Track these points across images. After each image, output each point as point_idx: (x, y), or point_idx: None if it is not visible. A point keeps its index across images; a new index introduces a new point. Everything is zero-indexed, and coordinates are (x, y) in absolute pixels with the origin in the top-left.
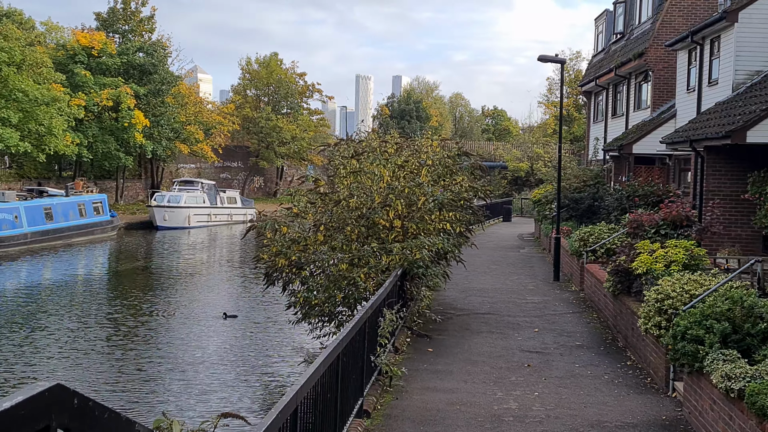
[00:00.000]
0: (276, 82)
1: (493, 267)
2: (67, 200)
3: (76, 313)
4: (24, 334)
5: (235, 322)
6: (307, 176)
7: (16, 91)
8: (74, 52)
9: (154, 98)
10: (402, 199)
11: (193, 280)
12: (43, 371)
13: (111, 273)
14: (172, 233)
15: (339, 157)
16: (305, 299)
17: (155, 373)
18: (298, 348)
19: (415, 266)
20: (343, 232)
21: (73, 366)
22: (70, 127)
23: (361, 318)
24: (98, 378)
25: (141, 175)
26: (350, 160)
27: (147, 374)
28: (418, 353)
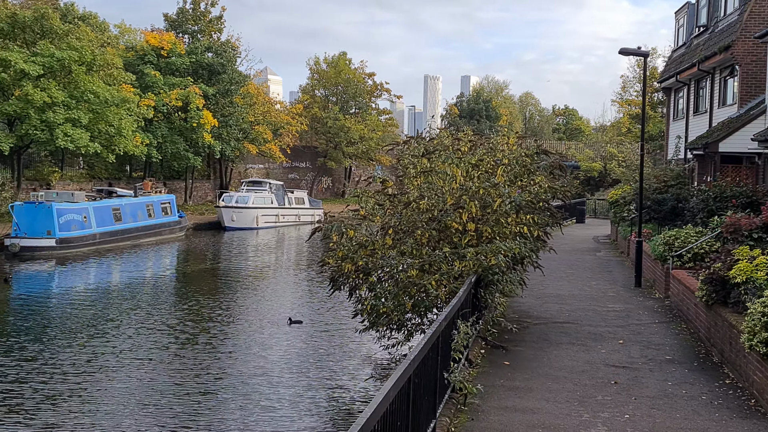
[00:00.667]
0: (344, 82)
1: (569, 271)
2: (135, 201)
3: (138, 318)
4: (82, 340)
5: (300, 328)
6: (374, 177)
7: (87, 92)
8: (144, 52)
9: (222, 98)
10: (476, 201)
11: (259, 283)
12: (96, 383)
13: (176, 275)
14: (239, 234)
15: (408, 156)
16: (372, 307)
17: (214, 385)
18: (366, 358)
19: (490, 273)
20: (413, 236)
21: (127, 378)
22: (140, 128)
23: (434, 333)
24: (153, 390)
25: (210, 175)
26: (420, 159)
27: (206, 387)
28: (494, 366)
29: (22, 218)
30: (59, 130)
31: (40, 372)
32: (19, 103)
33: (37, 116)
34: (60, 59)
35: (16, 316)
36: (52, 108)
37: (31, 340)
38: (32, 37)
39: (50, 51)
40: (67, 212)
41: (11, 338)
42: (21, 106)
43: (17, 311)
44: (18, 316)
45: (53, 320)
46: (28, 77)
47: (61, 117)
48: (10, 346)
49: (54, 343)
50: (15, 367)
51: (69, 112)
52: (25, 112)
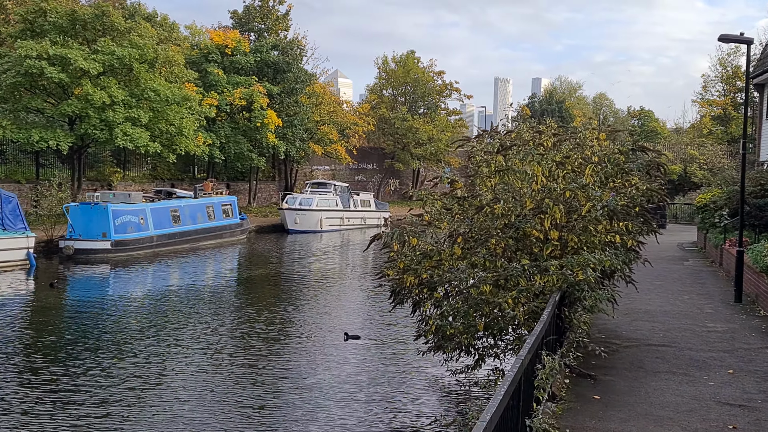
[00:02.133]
0: (413, 81)
1: (657, 283)
2: (195, 202)
3: (193, 325)
4: (135, 348)
5: (357, 345)
6: (441, 177)
7: (148, 90)
8: (208, 50)
9: (287, 97)
10: (561, 205)
11: (319, 292)
12: (149, 392)
13: (234, 281)
14: (303, 237)
15: (481, 153)
16: (438, 328)
17: (258, 412)
18: (430, 385)
19: (577, 289)
20: (486, 246)
21: (181, 388)
22: (202, 127)
23: (516, 375)
24: (206, 400)
25: (275, 177)
26: (495, 156)
27: (248, 411)
28: (581, 401)
29: (77, 220)
30: (119, 130)
31: (93, 379)
32: (78, 103)
33: (96, 115)
34: (120, 57)
35: (68, 322)
36: (112, 107)
37: (83, 347)
38: (93, 35)
39: (111, 48)
40: (124, 214)
41: (64, 345)
42: (81, 106)
43: (69, 317)
44: (70, 322)
45: (105, 327)
46: (87, 75)
47: (120, 116)
48: (62, 353)
49: (105, 350)
50: (66, 375)
51: (129, 111)
52: (85, 112)
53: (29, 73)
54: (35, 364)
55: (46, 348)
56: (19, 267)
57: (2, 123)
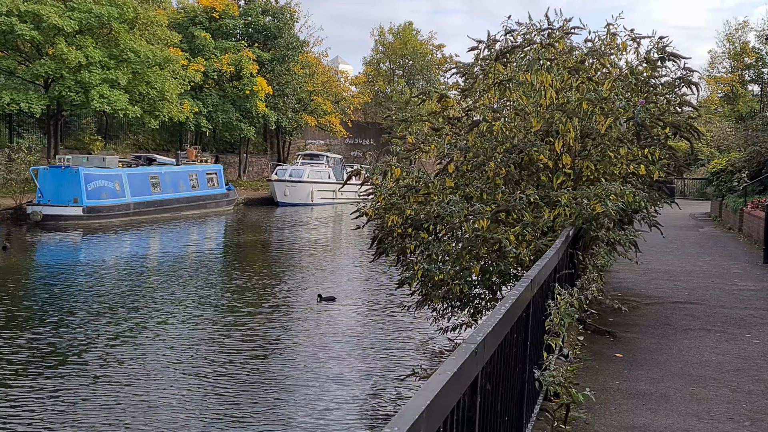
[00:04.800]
0: (411, 54)
1: (673, 246)
2: (176, 169)
3: (169, 294)
4: (106, 316)
5: (334, 307)
6: (430, 91)
7: (128, 51)
8: (195, 13)
9: (279, 65)
10: (576, 120)
11: (299, 259)
12: (125, 359)
13: (214, 250)
14: (292, 210)
15: (478, 62)
16: (425, 273)
17: (239, 380)
18: (419, 345)
19: (593, 226)
20: (483, 173)
21: (158, 354)
22: (189, 94)
23: (519, 300)
24: (185, 367)
25: (267, 150)
26: (494, 65)
27: (230, 383)
28: (601, 360)
29: (47, 184)
30: (95, 92)
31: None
32: (52, 63)
33: (71, 77)
34: (98, 15)
35: (29, 289)
36: (88, 68)
37: (45, 316)
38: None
39: (88, 6)
40: (97, 178)
41: (25, 312)
42: (54, 66)
43: (31, 284)
44: (32, 289)
45: (72, 295)
46: (62, 34)
47: (97, 78)
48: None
49: (71, 321)
50: (27, 340)
51: (106, 73)
52: (59, 73)
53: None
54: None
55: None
56: None
57: None
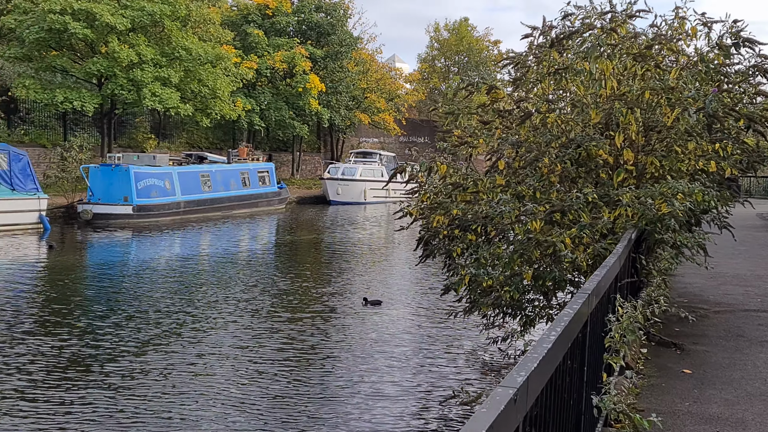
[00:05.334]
0: (466, 50)
1: (741, 248)
2: (228, 167)
3: (218, 293)
4: (155, 317)
5: (379, 313)
6: (478, 83)
7: (180, 48)
8: (248, 11)
9: (332, 62)
10: (639, 112)
11: (348, 260)
12: (175, 358)
13: (266, 249)
14: (345, 209)
15: (533, 49)
16: (472, 278)
17: (270, 395)
18: (467, 354)
19: (658, 228)
20: (537, 170)
21: (204, 354)
22: (242, 92)
23: (574, 320)
24: (229, 365)
25: (320, 148)
26: (549, 52)
27: (260, 397)
28: (667, 376)
29: (97, 182)
30: (146, 90)
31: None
32: (105, 61)
33: (123, 75)
34: (151, 13)
35: (67, 290)
36: (140, 66)
37: (94, 317)
38: None
39: (140, 4)
40: (147, 177)
41: (54, 317)
42: (107, 65)
43: (70, 285)
44: (69, 290)
45: (108, 298)
46: (115, 32)
47: (149, 76)
48: (70, 319)
49: (101, 326)
50: (77, 345)
51: (158, 71)
52: (111, 71)
53: (53, 29)
54: (38, 332)
55: (48, 314)
56: (31, 230)
57: (26, 83)
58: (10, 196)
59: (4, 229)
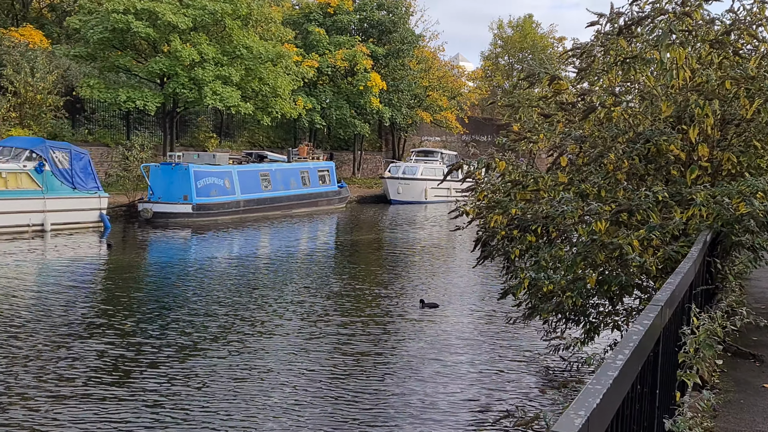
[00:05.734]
0: (530, 47)
1: None
2: (287, 166)
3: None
4: (217, 316)
5: (435, 316)
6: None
7: (241, 47)
8: (309, 10)
9: (393, 60)
10: (716, 103)
11: (402, 260)
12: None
13: (326, 249)
14: (405, 208)
15: (599, 38)
16: (532, 282)
17: (314, 408)
18: (524, 367)
19: (736, 230)
20: (602, 167)
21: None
22: (303, 91)
23: (644, 340)
24: (291, 364)
25: (381, 147)
26: (616, 40)
27: (302, 411)
28: (746, 392)
29: (158, 181)
30: (208, 89)
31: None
32: (167, 60)
33: (185, 74)
34: (212, 12)
35: (120, 290)
36: (202, 65)
37: (143, 318)
38: None
39: (202, 3)
40: (207, 176)
41: (134, 314)
42: (169, 64)
43: (123, 284)
44: (122, 290)
45: (174, 295)
46: (177, 31)
47: (210, 74)
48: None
49: (146, 328)
50: (135, 345)
51: (220, 69)
52: (173, 70)
53: (116, 29)
54: (97, 330)
55: (104, 315)
56: (92, 229)
57: (90, 82)
58: (72, 195)
59: (65, 227)
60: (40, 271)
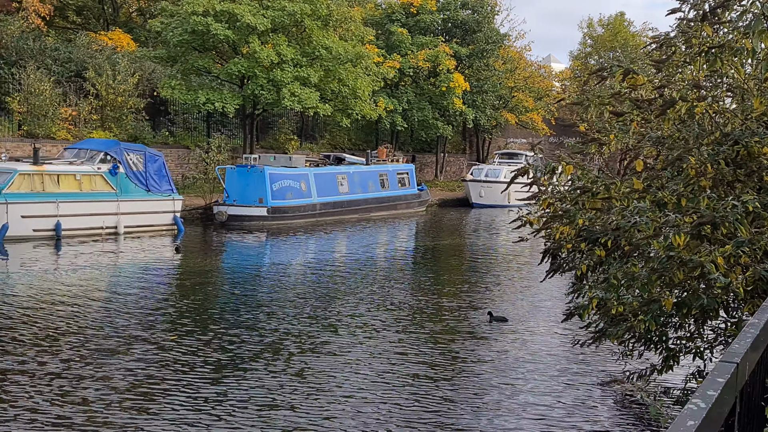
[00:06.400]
0: (621, 46)
1: None
2: (366, 169)
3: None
4: (294, 323)
5: (502, 332)
6: (610, 67)
7: (320, 48)
8: (392, 10)
9: (477, 60)
10: None
11: (475, 267)
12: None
13: (405, 254)
14: (487, 212)
15: (681, 25)
16: (600, 303)
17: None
18: (598, 393)
19: None
20: (682, 172)
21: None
22: (384, 92)
23: (722, 393)
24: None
25: (465, 149)
26: (700, 27)
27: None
28: None
29: (233, 184)
30: (286, 90)
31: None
32: (246, 62)
33: (264, 75)
34: (291, 13)
35: (180, 296)
36: (281, 66)
37: (202, 325)
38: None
39: (281, 4)
40: (283, 178)
41: (207, 325)
42: (248, 65)
43: (197, 289)
44: (196, 294)
45: (236, 302)
46: (255, 32)
47: (289, 75)
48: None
49: (198, 340)
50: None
51: (298, 70)
52: (252, 71)
53: (196, 31)
54: (170, 335)
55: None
56: (165, 232)
57: (171, 83)
58: (145, 197)
59: (139, 230)
60: (107, 275)
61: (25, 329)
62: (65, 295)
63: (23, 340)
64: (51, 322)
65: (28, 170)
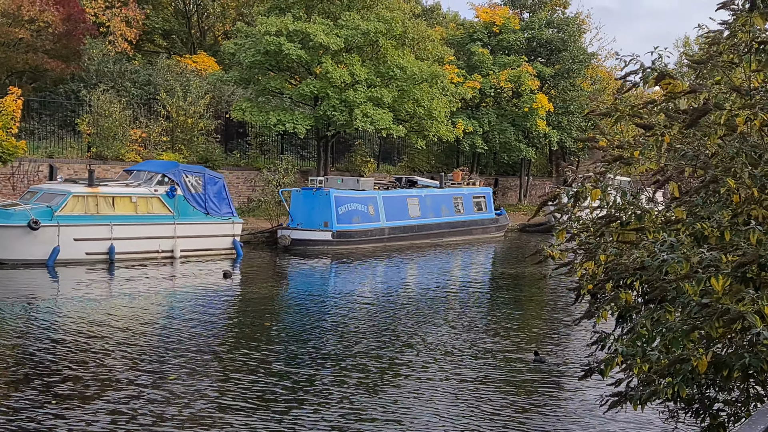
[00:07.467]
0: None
1: None
2: (439, 192)
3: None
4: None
5: (541, 373)
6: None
7: (394, 68)
8: (473, 30)
9: (562, 80)
10: None
11: (537, 300)
12: None
13: (478, 284)
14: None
15: (732, 17)
16: (626, 358)
17: None
18: None
19: None
20: (716, 193)
21: None
22: (464, 113)
23: None
24: None
25: (552, 172)
26: (749, 18)
27: None
28: None
29: (298, 207)
30: (358, 111)
31: None
32: (318, 82)
33: (336, 96)
34: (365, 32)
35: (243, 324)
36: (354, 86)
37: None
38: (337, 9)
39: (355, 23)
40: (349, 201)
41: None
42: (320, 85)
43: (252, 319)
44: (251, 325)
45: (293, 333)
46: (328, 52)
47: (362, 96)
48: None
49: (242, 375)
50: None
51: (372, 90)
52: (324, 92)
53: (269, 51)
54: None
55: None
56: (223, 256)
57: (243, 105)
58: (204, 220)
59: (196, 253)
60: (154, 302)
61: (75, 355)
62: (114, 319)
63: (75, 366)
64: (101, 348)
65: (81, 192)
